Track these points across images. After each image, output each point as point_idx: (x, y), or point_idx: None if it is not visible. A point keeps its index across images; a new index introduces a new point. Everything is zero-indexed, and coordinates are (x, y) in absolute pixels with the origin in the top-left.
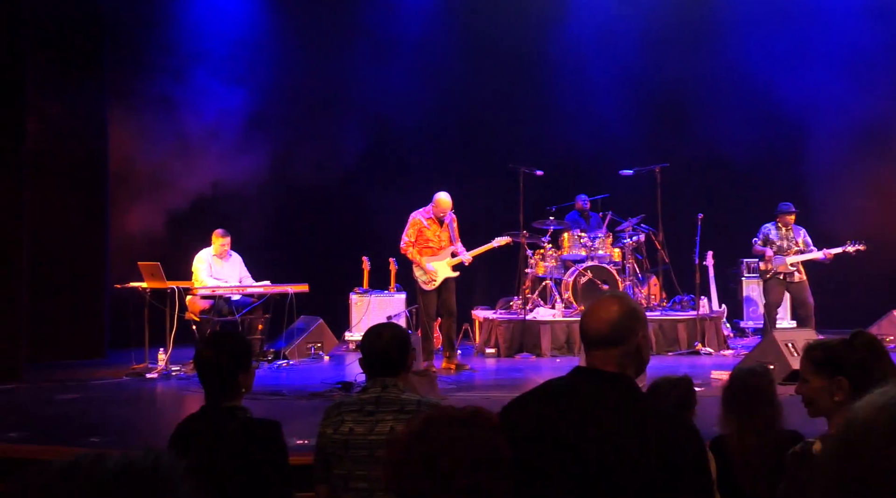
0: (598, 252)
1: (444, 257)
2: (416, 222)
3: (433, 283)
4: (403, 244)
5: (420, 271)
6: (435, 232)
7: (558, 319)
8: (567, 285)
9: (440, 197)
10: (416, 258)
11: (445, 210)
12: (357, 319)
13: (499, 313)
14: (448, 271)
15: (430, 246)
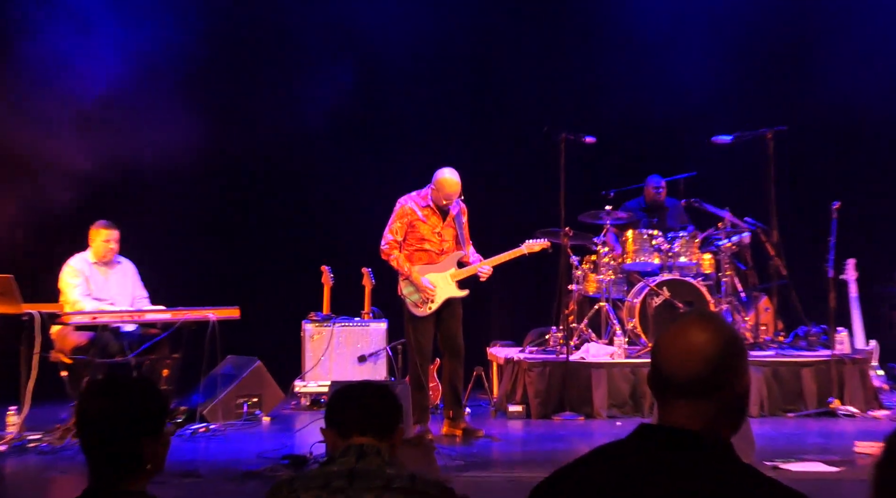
0: (678, 259)
1: (446, 267)
2: (405, 212)
3: (429, 305)
4: (385, 245)
5: (410, 288)
6: (434, 227)
7: (619, 361)
8: (632, 309)
9: (444, 176)
10: (403, 267)
11: (451, 195)
12: (313, 359)
13: (529, 353)
14: (452, 289)
15: (425, 249)
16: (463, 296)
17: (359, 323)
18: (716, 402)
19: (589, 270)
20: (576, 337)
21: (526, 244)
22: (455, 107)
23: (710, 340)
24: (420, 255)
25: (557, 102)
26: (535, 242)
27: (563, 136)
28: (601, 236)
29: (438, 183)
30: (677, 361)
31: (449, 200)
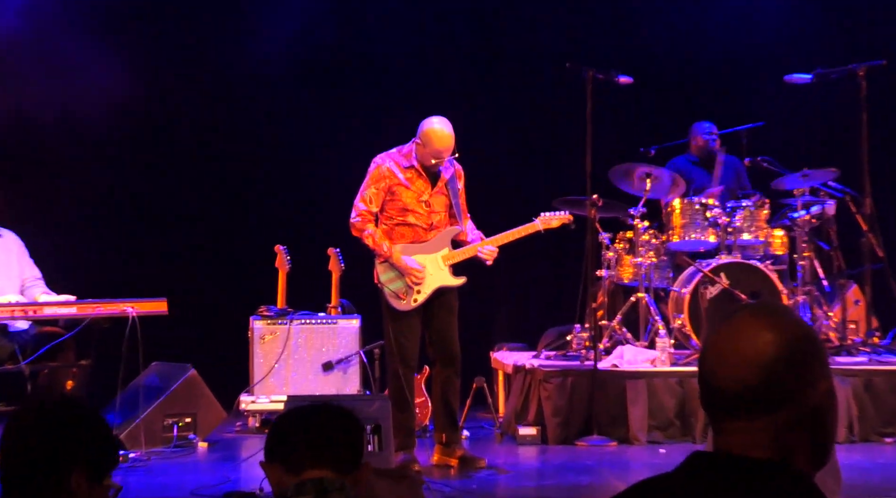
0: (741, 236)
1: (438, 247)
2: (382, 174)
3: (415, 296)
4: (356, 217)
5: (390, 273)
6: (420, 194)
7: (662, 370)
8: (680, 302)
9: (432, 127)
10: (381, 246)
11: (442, 152)
12: (264, 367)
13: (545, 358)
14: (445, 275)
15: (410, 223)
16: (459, 284)
17: (324, 320)
18: (782, 421)
19: (623, 251)
20: (606, 338)
21: (541, 218)
22: (450, 38)
23: (770, 340)
24: (403, 230)
25: (583, 31)
26: (553, 216)
27: (589, 75)
28: (639, 207)
29: (425, 136)
30: (728, 370)
31: (439, 160)
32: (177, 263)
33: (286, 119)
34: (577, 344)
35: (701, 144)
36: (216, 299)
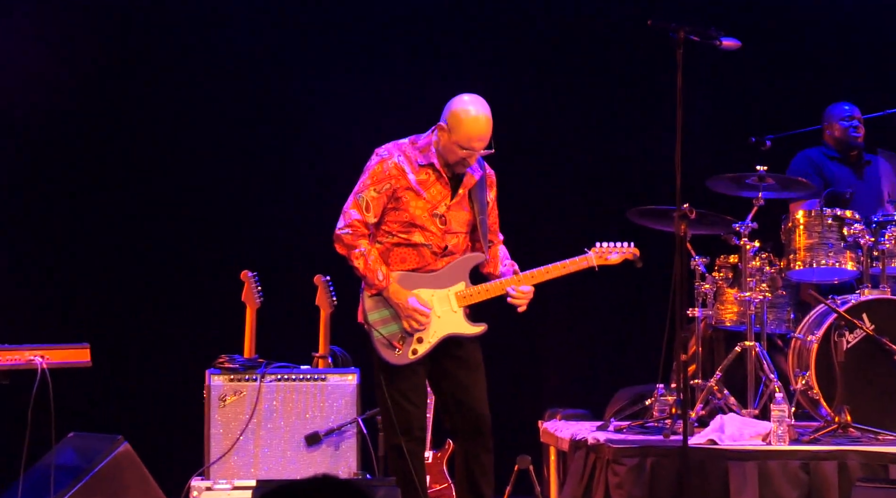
0: (891, 263)
1: (451, 280)
2: (387, 173)
3: (414, 345)
4: (345, 227)
5: (383, 311)
6: (435, 205)
7: (779, 448)
8: (806, 354)
9: (465, 109)
10: (376, 272)
11: (474, 141)
12: (224, 441)
13: (615, 430)
14: (459, 320)
15: (415, 243)
16: (477, 334)
17: (308, 374)
18: None
19: (725, 283)
20: (700, 403)
21: (597, 250)
22: None
23: None
24: (404, 253)
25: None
26: (613, 248)
27: (681, 36)
28: (748, 220)
29: (453, 117)
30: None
31: (469, 153)
32: (104, 298)
33: (257, 105)
34: (659, 411)
35: (838, 135)
36: (159, 346)
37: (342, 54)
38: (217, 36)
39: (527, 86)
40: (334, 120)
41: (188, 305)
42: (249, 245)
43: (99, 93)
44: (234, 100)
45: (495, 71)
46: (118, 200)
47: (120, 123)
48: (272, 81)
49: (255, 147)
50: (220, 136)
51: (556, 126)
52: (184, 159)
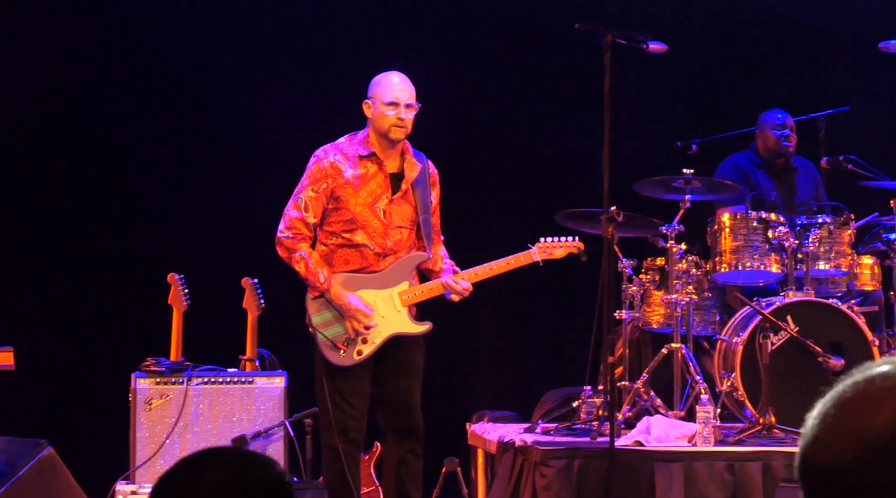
0: (815, 265)
1: (394, 279)
2: (325, 171)
3: (359, 346)
4: (286, 230)
5: (326, 314)
6: (374, 198)
7: (705, 449)
8: (731, 356)
9: (379, 76)
10: (318, 274)
11: (399, 94)
12: (150, 444)
13: (543, 432)
14: (403, 319)
15: (357, 243)
16: (422, 332)
17: (236, 377)
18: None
19: (652, 286)
20: (627, 405)
21: (540, 245)
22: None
23: (889, 416)
24: (346, 254)
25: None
26: (557, 242)
27: (608, 39)
28: (674, 223)
29: (374, 85)
30: (830, 436)
31: (398, 112)
32: (27, 300)
33: (185, 105)
34: (586, 413)
35: (771, 144)
36: (84, 348)
37: (273, 59)
38: (148, 39)
39: (457, 87)
40: (263, 123)
41: (114, 307)
42: (176, 247)
43: (23, 94)
44: (162, 101)
45: (427, 73)
46: (42, 202)
47: (44, 124)
48: (202, 84)
49: (184, 149)
50: (147, 138)
51: (486, 129)
52: (110, 161)
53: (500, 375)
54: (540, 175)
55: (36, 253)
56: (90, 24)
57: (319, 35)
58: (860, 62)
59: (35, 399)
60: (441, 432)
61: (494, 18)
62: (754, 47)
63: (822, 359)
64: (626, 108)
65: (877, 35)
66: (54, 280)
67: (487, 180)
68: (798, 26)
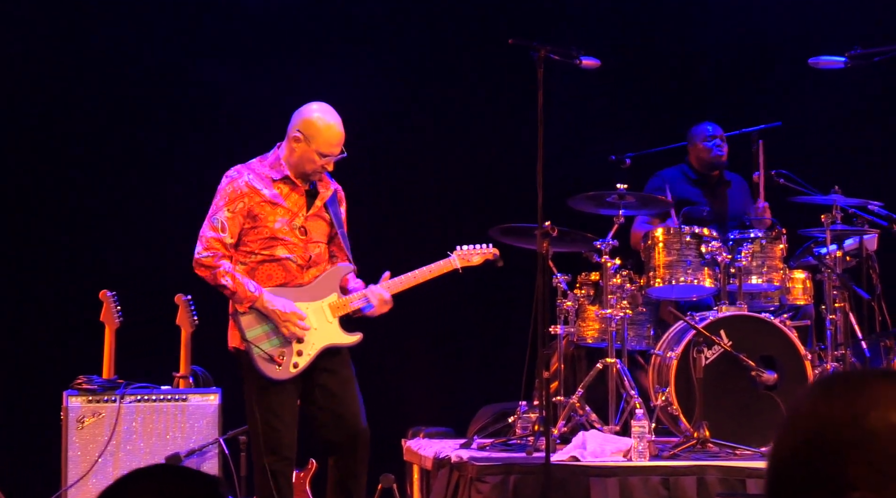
0: (748, 280)
1: (322, 292)
2: (240, 191)
3: (295, 358)
4: (204, 251)
5: (259, 328)
6: (293, 215)
7: (640, 464)
8: (665, 370)
9: (320, 115)
10: (245, 285)
11: (335, 147)
12: (83, 463)
13: (478, 448)
14: (335, 330)
15: (280, 258)
16: (353, 343)
17: (169, 395)
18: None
19: (587, 300)
20: (563, 420)
21: (458, 253)
22: None
23: (794, 419)
24: (270, 269)
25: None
26: (473, 250)
27: (541, 55)
28: (608, 238)
29: (309, 127)
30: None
31: (327, 159)
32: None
33: (115, 119)
34: (522, 428)
35: (702, 158)
36: (14, 366)
37: (205, 68)
38: (83, 50)
39: (389, 98)
40: (194, 138)
41: (45, 324)
42: (108, 264)
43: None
44: (91, 116)
45: (360, 81)
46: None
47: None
48: (134, 100)
49: (116, 164)
50: (79, 153)
51: (417, 143)
52: (41, 175)
53: (434, 391)
54: (473, 190)
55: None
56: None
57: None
58: (792, 78)
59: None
60: (376, 449)
61: (431, 29)
62: (688, 62)
63: (755, 373)
64: (560, 123)
65: (808, 51)
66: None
67: (419, 194)
68: (732, 42)
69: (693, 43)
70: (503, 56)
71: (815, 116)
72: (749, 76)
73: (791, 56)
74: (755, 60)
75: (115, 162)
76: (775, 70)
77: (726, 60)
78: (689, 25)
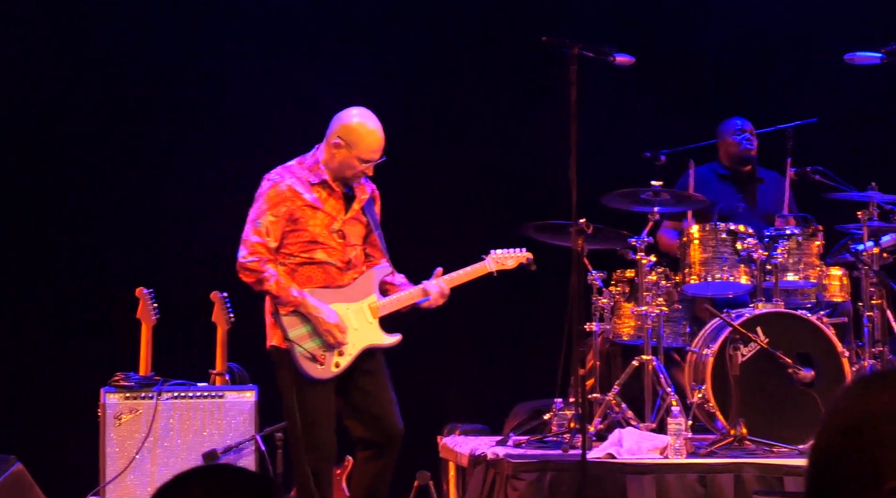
0: (784, 277)
1: (361, 293)
2: (282, 196)
3: (336, 358)
4: (248, 254)
5: (302, 328)
6: (331, 221)
7: (677, 462)
8: (701, 367)
9: (361, 121)
10: (289, 291)
11: (376, 153)
12: (120, 459)
13: (514, 445)
14: (375, 331)
15: (319, 261)
16: (393, 344)
17: (206, 392)
18: None
19: (622, 298)
20: (599, 417)
21: (493, 256)
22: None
23: (840, 411)
24: (310, 271)
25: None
26: (508, 254)
27: (574, 52)
28: (644, 235)
29: (350, 133)
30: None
31: (368, 165)
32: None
33: (150, 118)
34: (558, 426)
35: (732, 150)
36: (53, 363)
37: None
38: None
39: (424, 99)
40: (229, 136)
41: (83, 322)
42: (145, 261)
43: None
44: (129, 116)
45: (393, 80)
46: (10, 216)
47: (15, 137)
48: (171, 97)
49: (153, 162)
50: (116, 152)
51: (453, 141)
52: (79, 174)
53: (470, 388)
54: (507, 187)
55: (5, 269)
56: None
57: (284, 44)
58: (827, 74)
59: (3, 414)
60: (412, 446)
61: (462, 26)
62: (723, 58)
63: (791, 370)
64: (593, 120)
65: (844, 46)
66: (22, 295)
67: (454, 193)
68: (766, 38)
69: (728, 37)
70: (537, 52)
71: (852, 112)
72: (784, 72)
73: (827, 51)
74: (791, 57)
75: (153, 160)
76: (812, 65)
77: (761, 55)
78: (723, 20)
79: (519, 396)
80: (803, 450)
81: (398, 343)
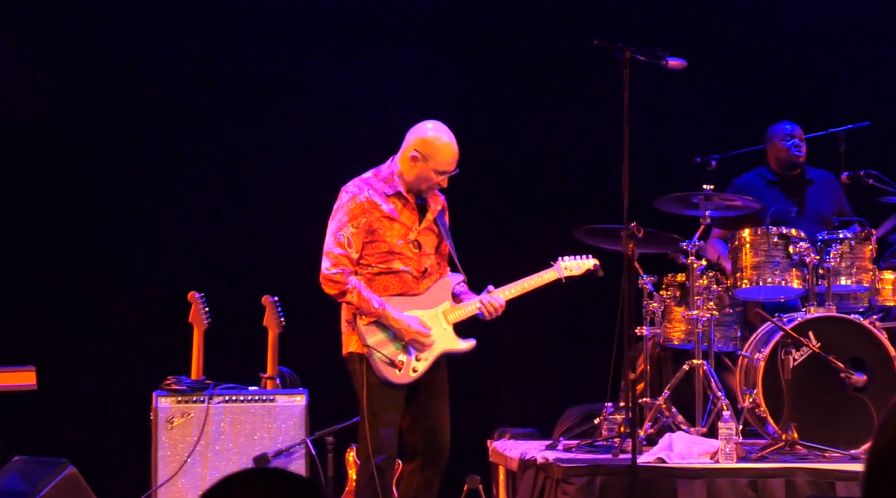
0: (837, 281)
1: (436, 300)
2: (362, 207)
3: (414, 363)
4: (333, 267)
5: (379, 334)
6: (406, 232)
7: (728, 466)
8: (752, 372)
9: (437, 135)
10: (370, 301)
11: (451, 165)
12: (172, 462)
13: (564, 449)
14: (451, 337)
15: (396, 270)
16: (469, 349)
17: (257, 396)
18: None
19: (673, 302)
20: (649, 421)
21: (562, 264)
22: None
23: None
24: (387, 281)
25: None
26: (575, 261)
27: (626, 56)
28: (695, 239)
29: (427, 146)
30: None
31: (443, 177)
32: (49, 320)
33: (201, 125)
34: (608, 430)
35: (781, 156)
36: (104, 368)
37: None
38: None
39: (475, 102)
40: (281, 142)
41: (135, 326)
42: (197, 266)
43: (37, 108)
44: (178, 122)
45: (444, 92)
46: (64, 222)
47: (64, 141)
48: (221, 105)
49: (203, 169)
50: (167, 158)
51: (505, 147)
52: (131, 181)
53: (520, 392)
54: (559, 191)
55: (58, 273)
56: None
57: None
58: (880, 77)
59: (57, 418)
60: (462, 450)
61: (515, 31)
62: (774, 61)
63: (844, 374)
64: (645, 124)
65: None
66: (76, 299)
67: (505, 197)
68: (817, 41)
69: (779, 41)
70: (589, 56)
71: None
72: (837, 75)
73: (880, 54)
74: (843, 60)
75: (205, 165)
76: (865, 68)
77: (813, 57)
78: (774, 24)
79: (569, 400)
80: (855, 455)
81: (473, 348)
